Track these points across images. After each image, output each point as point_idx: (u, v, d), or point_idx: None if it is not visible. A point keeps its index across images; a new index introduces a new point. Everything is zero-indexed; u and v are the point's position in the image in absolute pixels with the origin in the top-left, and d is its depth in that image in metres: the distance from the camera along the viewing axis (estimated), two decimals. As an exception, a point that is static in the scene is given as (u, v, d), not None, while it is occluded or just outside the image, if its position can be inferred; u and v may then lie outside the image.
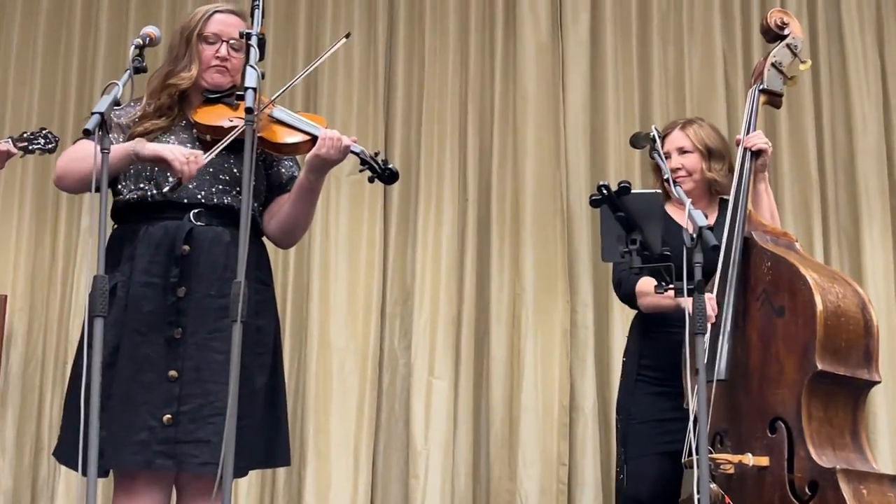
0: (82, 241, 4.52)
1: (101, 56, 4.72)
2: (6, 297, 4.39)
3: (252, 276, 2.67)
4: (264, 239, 2.88)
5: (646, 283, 3.13)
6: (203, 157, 2.61)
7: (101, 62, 4.72)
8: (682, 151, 3.31)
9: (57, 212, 4.59)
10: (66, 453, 2.57)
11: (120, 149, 2.61)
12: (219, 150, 2.66)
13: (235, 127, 2.65)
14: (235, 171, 2.71)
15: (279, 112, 2.77)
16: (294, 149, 2.78)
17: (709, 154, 3.28)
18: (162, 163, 2.60)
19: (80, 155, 2.67)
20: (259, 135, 2.69)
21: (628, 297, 3.28)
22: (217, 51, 2.76)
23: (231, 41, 2.76)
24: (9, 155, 3.13)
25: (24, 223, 4.60)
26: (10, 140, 3.16)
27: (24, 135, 3.24)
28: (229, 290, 2.28)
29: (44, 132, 3.27)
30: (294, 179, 2.84)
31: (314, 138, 2.71)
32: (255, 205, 2.79)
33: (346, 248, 4.57)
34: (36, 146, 3.23)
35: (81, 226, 4.54)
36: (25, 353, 4.49)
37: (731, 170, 3.30)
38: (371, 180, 2.75)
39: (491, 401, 4.43)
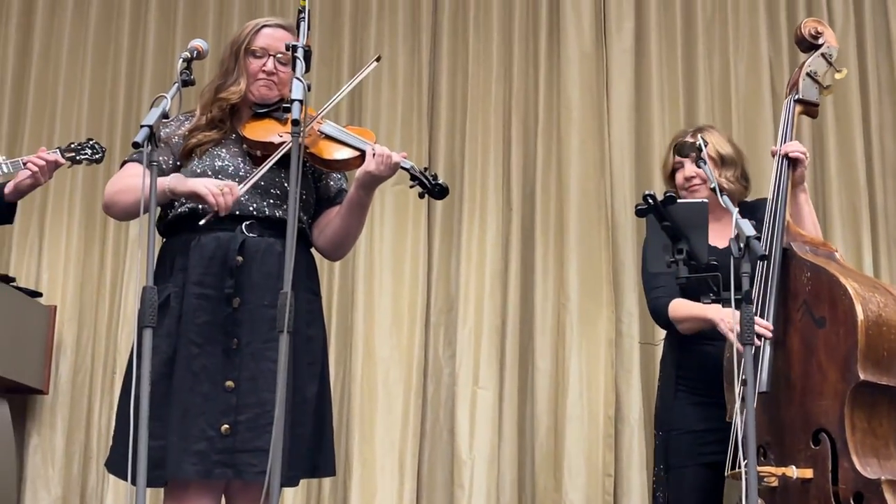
0: (130, 251, 4.57)
1: (148, 69, 4.78)
2: (55, 307, 4.45)
3: (303, 287, 2.69)
4: (312, 250, 2.89)
5: (678, 308, 3.11)
6: (238, 189, 2.63)
7: (148, 75, 4.77)
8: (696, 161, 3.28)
9: (105, 222, 4.64)
10: (118, 463, 2.60)
11: (160, 183, 2.62)
12: (262, 172, 2.68)
13: (285, 142, 2.67)
14: (286, 185, 2.73)
15: (328, 127, 2.79)
16: (343, 165, 2.79)
17: (721, 161, 3.24)
18: (197, 198, 2.62)
19: (126, 186, 2.70)
20: (309, 151, 2.71)
21: (666, 326, 3.26)
22: (264, 65, 2.78)
23: (278, 55, 2.79)
24: (56, 165, 3.16)
25: (72, 233, 4.66)
26: (58, 150, 3.20)
27: (72, 145, 3.28)
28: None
29: (91, 143, 3.31)
30: (342, 192, 2.86)
31: (363, 154, 2.73)
32: (304, 217, 2.81)
33: (391, 257, 4.59)
34: (83, 156, 3.27)
35: (130, 236, 4.59)
36: (74, 363, 4.55)
37: (744, 176, 3.27)
38: (421, 195, 2.77)
39: (536, 411, 4.42)
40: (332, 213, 2.84)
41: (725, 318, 2.86)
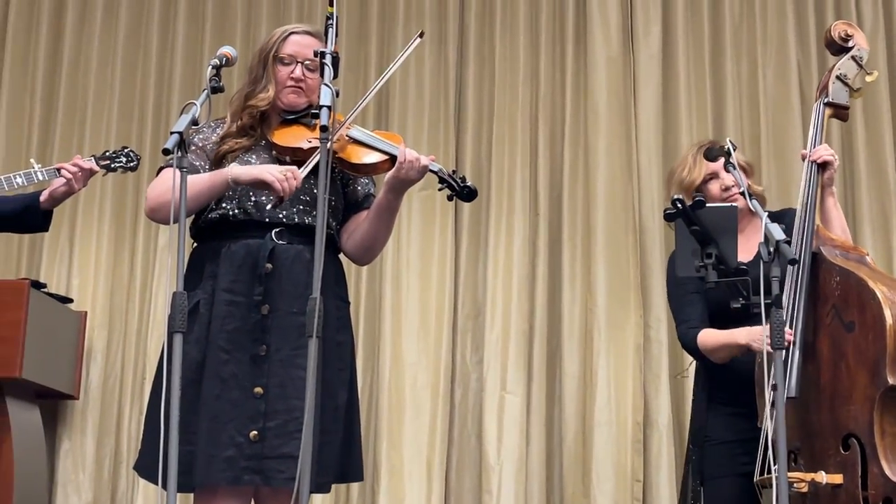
0: (160, 257, 4.60)
1: (177, 76, 4.81)
2: (86, 313, 4.48)
3: (332, 293, 2.70)
4: (340, 256, 2.90)
5: (706, 339, 3.08)
6: (300, 172, 2.65)
7: (177, 82, 4.80)
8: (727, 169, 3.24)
9: (135, 229, 4.68)
10: (148, 467, 2.61)
11: (217, 176, 2.66)
12: (311, 166, 2.69)
13: (315, 148, 2.68)
14: (315, 191, 2.73)
15: (357, 132, 2.80)
16: (372, 169, 2.80)
17: (746, 171, 3.22)
18: (262, 185, 2.64)
19: (169, 187, 2.65)
20: (338, 156, 2.72)
21: (695, 355, 3.23)
22: (292, 71, 2.79)
23: (306, 62, 2.80)
24: (91, 173, 3.19)
25: (102, 240, 4.69)
26: (92, 158, 3.22)
27: (107, 153, 3.30)
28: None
29: (126, 150, 3.33)
30: (370, 196, 2.87)
31: (392, 158, 2.73)
32: (333, 223, 2.81)
33: (418, 263, 4.60)
34: (118, 164, 3.29)
35: (159, 242, 4.63)
36: (105, 368, 4.58)
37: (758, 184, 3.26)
38: (450, 198, 2.77)
39: (564, 416, 4.41)
40: (360, 218, 2.85)
41: (756, 338, 2.83)
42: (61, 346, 4.27)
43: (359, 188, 2.89)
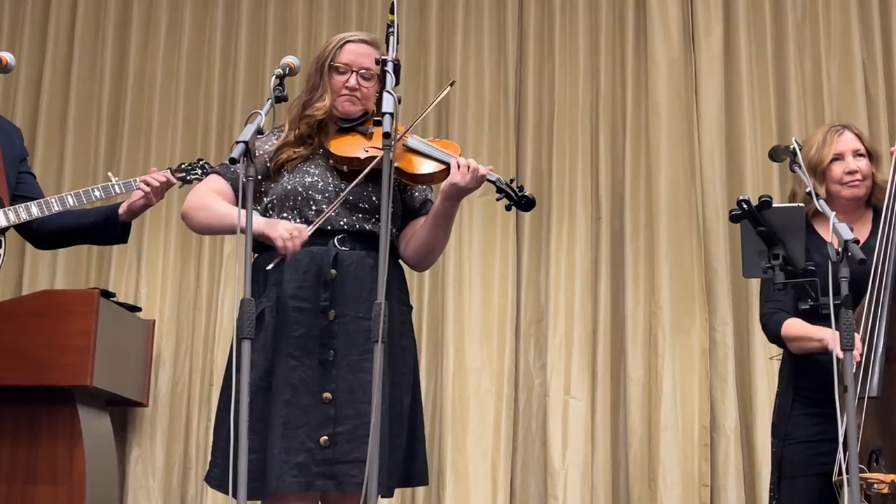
0: (226, 265, 4.66)
1: (240, 87, 4.87)
2: (154, 321, 4.55)
3: (395, 298, 2.72)
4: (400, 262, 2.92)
5: (791, 327, 3.03)
6: (307, 231, 2.66)
7: (240, 94, 4.86)
8: (857, 154, 3.09)
9: (201, 238, 4.73)
10: (218, 478, 2.64)
11: (230, 219, 2.67)
12: (345, 195, 2.71)
13: (372, 158, 2.70)
14: (374, 199, 2.75)
15: (413, 141, 2.81)
16: (429, 178, 2.80)
17: (871, 156, 3.14)
18: (265, 239, 2.66)
19: (205, 204, 2.77)
20: (395, 165, 2.73)
21: (776, 341, 3.18)
22: (347, 80, 2.81)
23: (361, 70, 2.81)
24: (168, 185, 3.23)
25: (169, 249, 4.76)
26: (169, 170, 3.26)
27: (182, 165, 3.35)
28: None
29: (200, 163, 3.37)
30: (427, 202, 2.88)
31: (449, 167, 2.74)
32: (392, 229, 2.82)
33: (480, 267, 4.60)
34: (193, 176, 3.33)
35: (225, 251, 4.68)
36: (173, 376, 4.65)
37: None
38: (508, 208, 2.77)
39: (629, 420, 4.39)
40: (417, 224, 2.86)
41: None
42: (130, 354, 4.34)
43: (416, 194, 2.90)
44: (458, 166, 2.70)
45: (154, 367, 4.54)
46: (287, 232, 2.62)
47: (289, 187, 2.76)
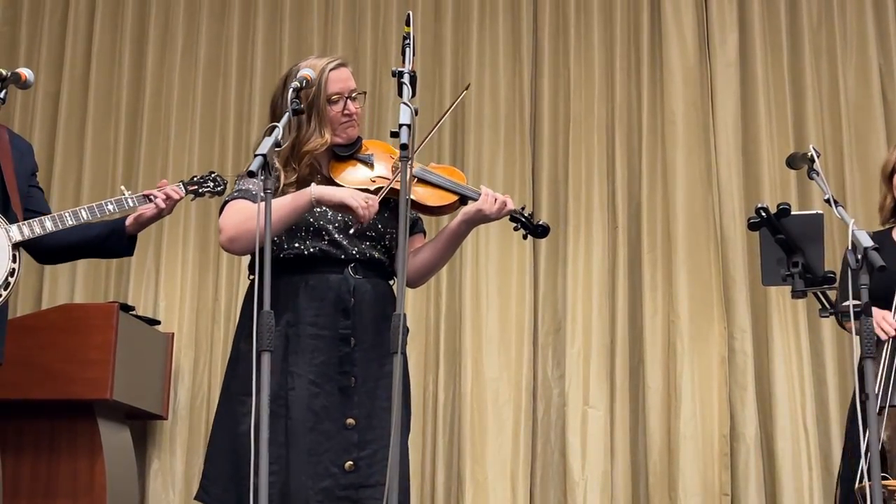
0: (244, 279, 4.66)
1: (256, 100, 4.89)
2: (173, 334, 4.56)
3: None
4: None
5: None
6: (375, 200, 2.67)
7: (256, 107, 4.88)
8: None
9: (219, 251, 4.75)
10: (220, 497, 2.65)
11: (300, 197, 2.65)
12: (385, 191, 2.71)
13: (381, 188, 2.71)
14: (380, 226, 2.78)
15: (420, 171, 2.79)
16: (440, 211, 2.82)
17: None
18: (345, 209, 2.66)
19: (251, 215, 2.62)
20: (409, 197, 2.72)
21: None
22: (344, 108, 2.79)
23: (351, 94, 2.79)
24: (179, 199, 3.23)
25: (188, 263, 4.78)
26: (181, 184, 3.27)
27: (195, 178, 3.35)
28: (387, 337, 2.38)
29: (213, 175, 3.37)
30: (418, 221, 2.89)
31: (462, 199, 2.75)
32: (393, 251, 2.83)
33: (497, 278, 4.60)
34: (206, 189, 3.33)
35: (243, 264, 4.68)
36: (192, 389, 4.66)
37: None
38: (524, 237, 2.81)
39: (648, 430, 4.37)
40: (414, 244, 2.87)
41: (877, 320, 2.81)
42: (150, 367, 4.35)
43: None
44: (488, 196, 2.73)
45: (173, 381, 4.55)
46: (363, 200, 2.63)
47: (300, 220, 2.73)
